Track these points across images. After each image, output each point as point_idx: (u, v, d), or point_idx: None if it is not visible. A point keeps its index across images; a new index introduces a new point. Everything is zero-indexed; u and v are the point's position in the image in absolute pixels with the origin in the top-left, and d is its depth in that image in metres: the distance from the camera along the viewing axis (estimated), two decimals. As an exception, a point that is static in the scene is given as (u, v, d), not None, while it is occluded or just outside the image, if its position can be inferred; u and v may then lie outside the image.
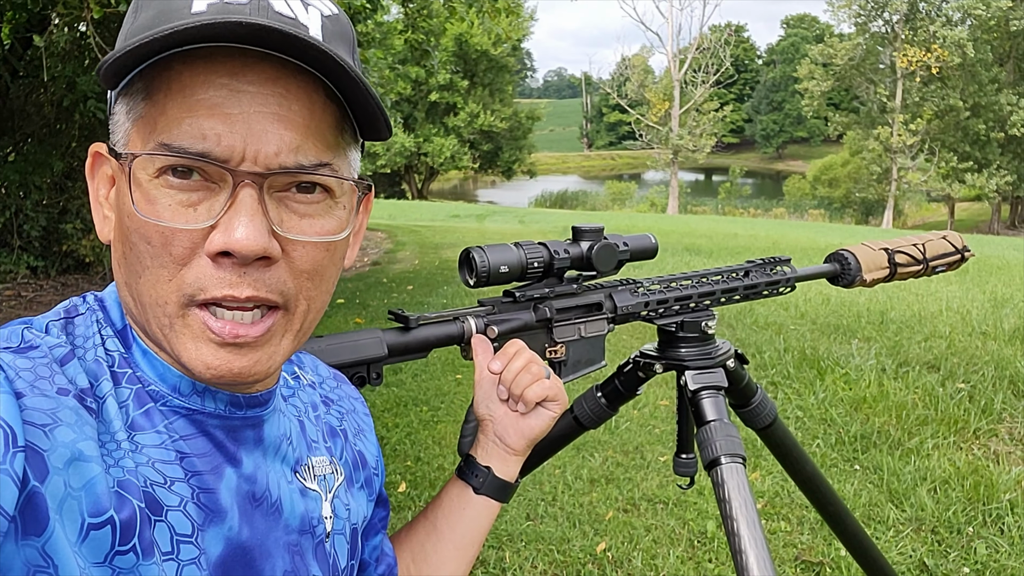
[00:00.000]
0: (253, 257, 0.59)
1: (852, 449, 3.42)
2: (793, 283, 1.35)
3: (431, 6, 9.94)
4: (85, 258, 7.45)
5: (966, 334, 5.23)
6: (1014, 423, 3.67)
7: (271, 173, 0.60)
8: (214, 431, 0.67)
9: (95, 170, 0.68)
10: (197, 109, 0.58)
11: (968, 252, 1.56)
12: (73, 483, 0.54)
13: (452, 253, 10.51)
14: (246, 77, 0.59)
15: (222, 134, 0.58)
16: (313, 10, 0.63)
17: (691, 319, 1.22)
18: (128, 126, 0.62)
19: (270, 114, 0.60)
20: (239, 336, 0.61)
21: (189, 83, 0.59)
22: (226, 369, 0.62)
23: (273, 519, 0.71)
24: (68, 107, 6.69)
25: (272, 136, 0.60)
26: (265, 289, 0.61)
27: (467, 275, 1.03)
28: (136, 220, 0.60)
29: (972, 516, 2.84)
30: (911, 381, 4.18)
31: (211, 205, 0.60)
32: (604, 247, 1.10)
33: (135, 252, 0.61)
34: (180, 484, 0.63)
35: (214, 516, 0.65)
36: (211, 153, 0.58)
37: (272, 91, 0.60)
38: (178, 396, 0.66)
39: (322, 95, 0.63)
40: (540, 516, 2.89)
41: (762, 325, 5.65)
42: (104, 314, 0.68)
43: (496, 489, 1.01)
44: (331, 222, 0.65)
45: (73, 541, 0.54)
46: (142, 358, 0.67)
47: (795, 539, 2.71)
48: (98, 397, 0.62)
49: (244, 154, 0.59)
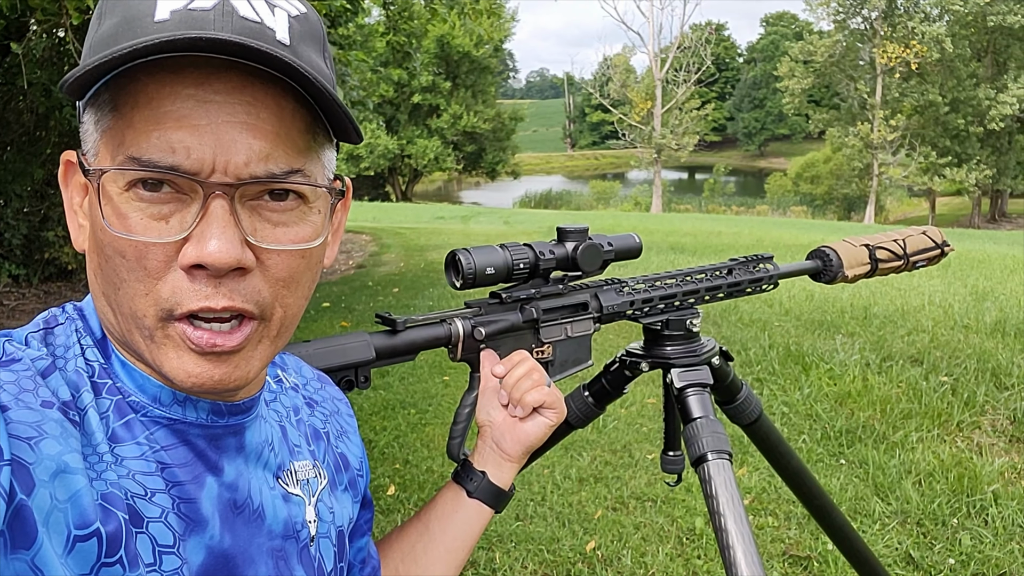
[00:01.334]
0: (226, 269, 0.59)
1: (837, 444, 3.45)
2: (776, 280, 1.37)
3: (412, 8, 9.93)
4: (67, 266, 7.40)
5: (948, 328, 5.28)
6: (996, 415, 3.71)
7: (241, 183, 0.59)
8: (196, 440, 0.67)
9: (68, 178, 0.68)
10: (165, 121, 0.58)
11: (948, 247, 1.58)
12: (59, 495, 0.54)
13: (437, 255, 10.50)
14: (212, 87, 0.58)
15: (191, 146, 0.58)
16: (280, 11, 0.62)
17: (676, 317, 1.23)
18: (97, 137, 0.61)
19: (238, 123, 0.59)
20: (217, 345, 0.61)
21: (155, 95, 0.58)
22: (207, 378, 0.62)
23: (256, 526, 0.71)
24: (45, 114, 6.65)
25: (241, 145, 0.59)
26: (241, 299, 0.61)
27: (453, 277, 1.03)
28: (108, 235, 0.60)
29: (956, 508, 2.87)
30: (895, 375, 4.22)
31: (183, 217, 0.59)
32: (589, 247, 1.11)
33: (111, 265, 0.61)
34: (161, 495, 0.63)
35: (195, 526, 0.65)
36: (180, 166, 0.58)
37: (239, 100, 0.59)
38: (159, 406, 0.66)
39: (291, 100, 0.62)
40: (530, 516, 2.89)
41: (747, 322, 5.68)
42: (83, 323, 0.68)
43: (490, 494, 1.02)
44: (306, 229, 0.65)
45: (60, 553, 0.54)
46: (121, 369, 0.66)
47: (783, 534, 2.73)
48: (79, 409, 0.62)
49: (214, 165, 0.58)
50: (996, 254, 10.17)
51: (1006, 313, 5.55)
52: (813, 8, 33.93)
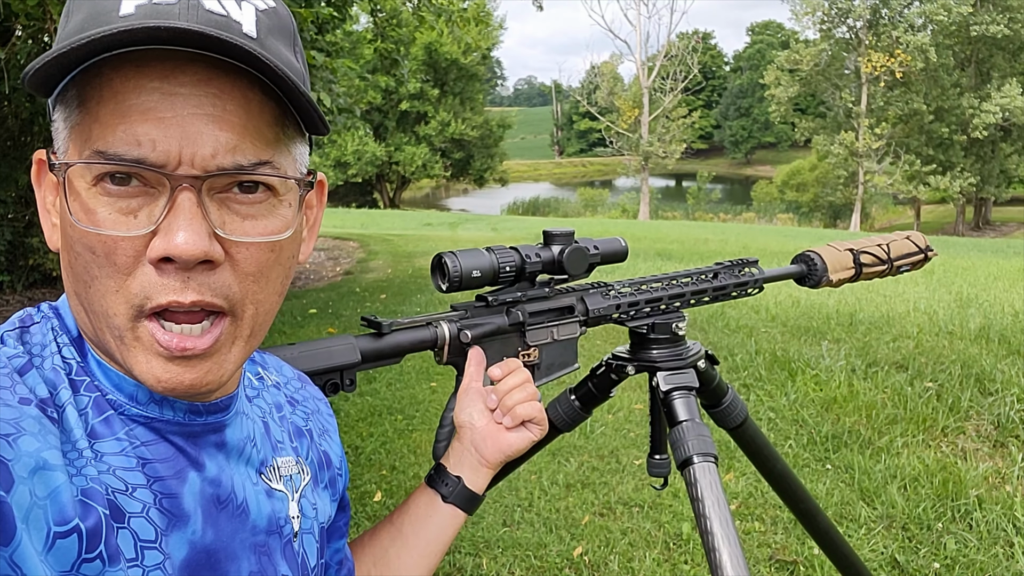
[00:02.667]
0: (194, 261, 0.59)
1: (824, 449, 3.46)
2: (761, 284, 1.38)
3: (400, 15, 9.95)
4: (52, 272, 7.34)
5: (933, 334, 5.31)
6: (980, 420, 3.73)
7: (208, 175, 0.59)
8: (173, 438, 0.67)
9: (41, 177, 0.67)
10: (130, 115, 0.57)
11: (931, 252, 1.59)
12: (38, 492, 0.54)
13: (425, 261, 10.49)
14: (178, 79, 0.58)
15: (157, 139, 0.57)
16: (247, 5, 0.62)
17: (662, 321, 1.23)
18: (66, 134, 0.61)
19: (204, 115, 0.59)
20: (187, 349, 0.61)
21: (120, 89, 0.58)
22: (177, 382, 0.62)
23: (239, 521, 0.71)
24: (29, 119, 6.60)
25: (207, 137, 0.59)
26: (210, 293, 0.61)
27: (439, 280, 1.03)
28: (77, 230, 0.59)
29: (941, 512, 2.88)
30: (880, 381, 4.24)
31: (151, 211, 0.59)
32: (575, 251, 1.11)
33: (81, 261, 0.60)
34: (142, 490, 0.63)
35: (177, 520, 0.65)
36: (147, 159, 0.57)
37: (205, 92, 0.59)
38: (136, 405, 0.66)
39: (258, 92, 0.62)
40: (517, 522, 2.89)
41: (733, 328, 5.70)
42: (59, 322, 0.68)
43: (464, 499, 1.01)
44: (275, 222, 0.64)
45: (40, 550, 0.54)
46: (97, 368, 0.66)
47: (769, 539, 2.74)
48: (57, 406, 0.62)
49: (180, 157, 0.58)
50: (980, 261, 10.26)
51: (990, 319, 5.59)
52: (799, 17, 34.19)
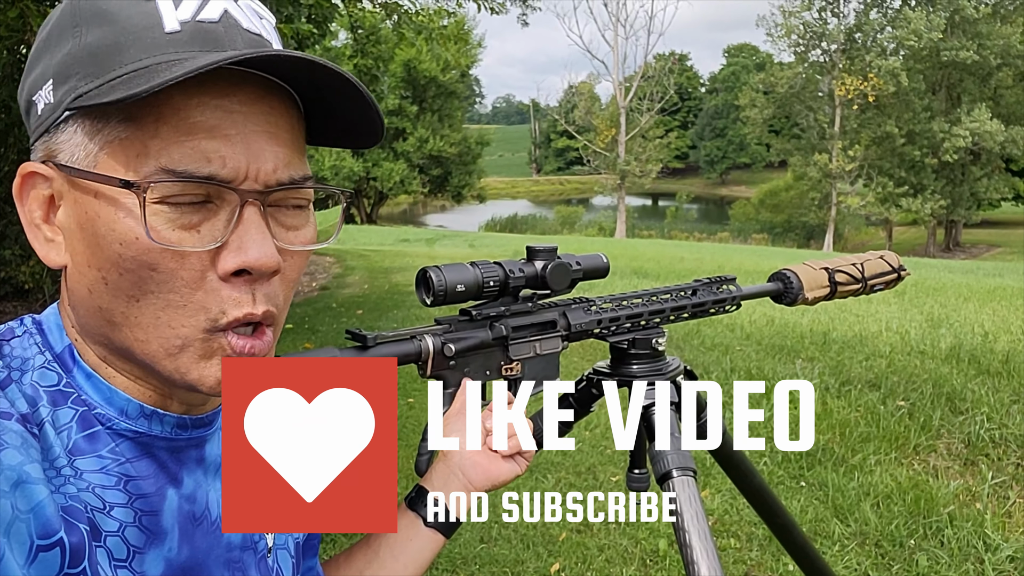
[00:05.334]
0: (269, 273, 0.61)
1: (798, 466, 3.49)
2: (738, 301, 1.40)
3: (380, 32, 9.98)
4: (24, 284, 7.24)
5: (905, 353, 5.38)
6: (951, 439, 3.78)
7: (270, 190, 0.62)
8: (159, 452, 0.68)
9: (25, 191, 0.65)
10: (196, 132, 0.58)
11: (904, 271, 1.63)
12: (20, 506, 0.54)
13: (402, 277, 10.48)
14: (236, 97, 0.60)
15: (226, 156, 0.59)
16: (265, 22, 0.65)
17: (642, 336, 1.25)
18: (94, 148, 0.60)
19: (263, 132, 0.61)
20: (256, 350, 0.63)
21: (182, 106, 0.58)
22: None
23: (214, 537, 0.71)
24: (4, 131, 6.53)
25: (268, 154, 0.61)
26: (271, 304, 0.64)
27: (424, 294, 1.04)
28: (136, 246, 0.59)
29: (914, 529, 2.92)
30: (853, 399, 4.29)
31: (212, 226, 0.60)
32: (558, 266, 1.13)
33: (130, 278, 0.60)
34: (120, 509, 0.63)
35: (155, 538, 0.65)
36: (217, 175, 0.59)
37: (260, 110, 0.61)
38: (125, 419, 0.66)
39: (295, 110, 0.65)
40: (494, 539, 2.89)
41: (709, 346, 5.74)
42: (42, 337, 0.67)
43: (446, 523, 0.99)
44: (310, 231, 0.68)
45: (22, 563, 0.54)
46: (85, 381, 0.66)
47: (744, 555, 2.76)
48: (36, 422, 0.61)
49: (247, 173, 0.60)
50: (951, 282, 10.41)
51: (960, 339, 5.67)
52: (774, 40, 34.70)
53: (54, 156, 0.63)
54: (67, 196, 0.62)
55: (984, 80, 31.09)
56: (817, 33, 33.04)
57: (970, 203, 31.75)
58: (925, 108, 30.99)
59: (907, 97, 30.76)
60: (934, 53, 30.25)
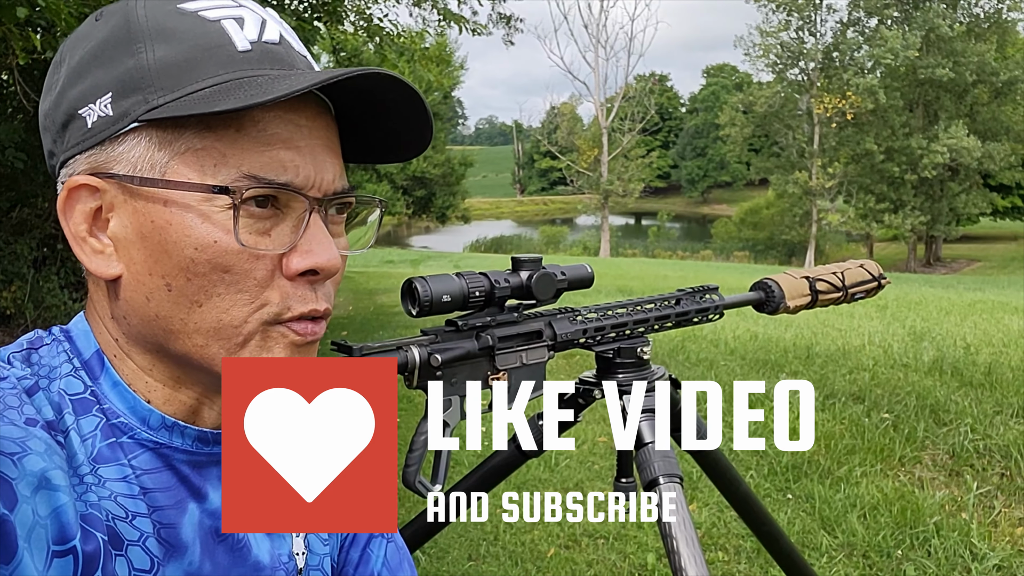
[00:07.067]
0: (335, 273, 0.67)
1: (784, 479, 3.51)
2: (721, 310, 1.41)
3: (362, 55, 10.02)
4: (6, 311, 7.17)
5: (888, 366, 5.42)
6: (936, 450, 3.81)
7: (329, 198, 0.66)
8: (180, 465, 0.68)
9: (71, 205, 0.65)
10: (274, 143, 0.62)
11: (884, 279, 1.65)
12: (40, 511, 0.55)
13: (387, 298, 10.46)
14: (304, 113, 0.65)
15: (300, 165, 0.63)
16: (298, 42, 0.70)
17: (627, 345, 1.26)
18: (163, 158, 0.62)
19: (324, 146, 0.66)
20: (317, 334, 0.68)
21: (261, 118, 0.62)
22: None
23: (239, 556, 0.71)
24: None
25: (329, 165, 0.66)
26: (328, 301, 0.68)
27: (409, 305, 1.05)
28: (213, 249, 0.62)
29: (900, 540, 2.93)
30: (838, 412, 4.31)
31: (280, 231, 0.64)
32: (543, 276, 1.14)
33: (200, 283, 0.63)
34: (142, 519, 0.64)
35: (175, 551, 0.66)
36: (292, 182, 0.63)
37: (320, 124, 0.66)
38: (146, 429, 0.67)
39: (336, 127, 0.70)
40: (482, 556, 2.88)
41: (694, 361, 5.76)
42: (71, 345, 0.68)
43: None
44: (346, 238, 0.72)
45: (40, 569, 0.54)
46: (111, 390, 0.67)
47: (732, 568, 2.76)
48: (62, 430, 0.62)
49: (314, 182, 0.65)
50: (932, 296, 10.51)
51: (943, 352, 5.72)
52: (752, 60, 35.06)
53: (107, 168, 0.63)
54: (123, 206, 0.63)
55: (960, 97, 31.50)
56: (795, 52, 33.42)
57: (949, 218, 32.06)
58: (903, 125, 31.34)
59: (885, 114, 31.11)
60: (911, 71, 30.65)
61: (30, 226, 6.37)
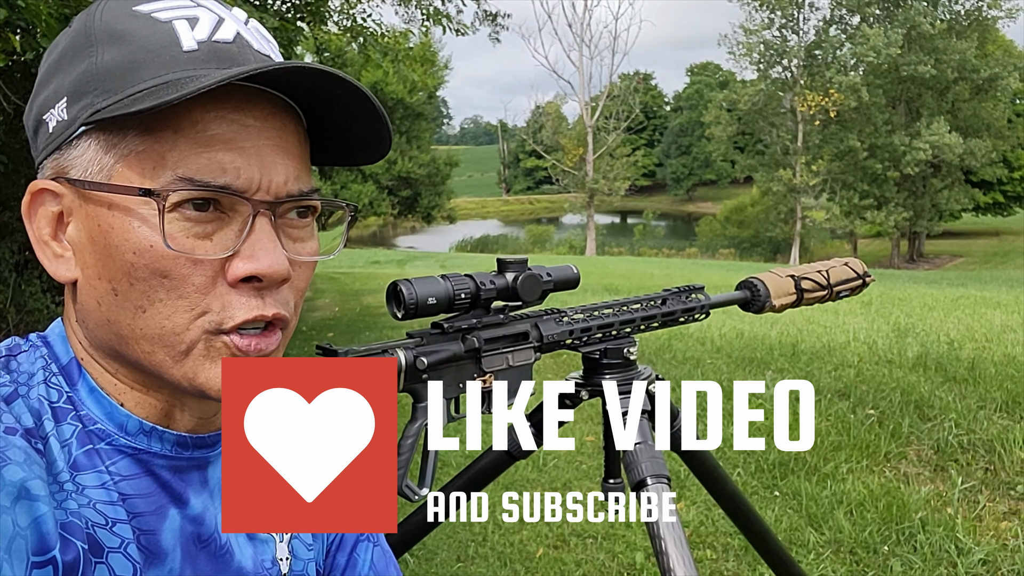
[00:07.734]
0: (279, 281, 0.63)
1: (771, 476, 3.52)
2: (707, 309, 1.41)
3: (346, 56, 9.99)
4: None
5: (873, 363, 5.46)
6: (921, 446, 3.83)
7: (280, 201, 0.64)
8: (160, 471, 0.68)
9: (34, 209, 0.66)
10: (213, 144, 0.61)
11: (869, 277, 1.65)
12: (20, 522, 0.54)
13: (373, 299, 10.44)
14: (250, 112, 0.62)
15: (240, 167, 0.61)
16: (272, 44, 0.68)
17: (614, 346, 1.26)
18: (109, 161, 0.62)
19: (274, 146, 0.63)
20: (262, 348, 0.64)
21: (200, 119, 0.60)
22: None
23: (222, 562, 0.71)
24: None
25: (280, 167, 0.63)
26: (282, 307, 0.65)
27: (395, 308, 1.04)
28: (150, 254, 0.60)
29: (887, 535, 2.95)
30: (823, 409, 4.33)
31: (224, 235, 0.62)
32: (529, 277, 1.13)
33: (140, 287, 0.61)
34: (122, 525, 0.63)
35: (155, 558, 0.65)
36: (232, 185, 0.61)
37: (272, 125, 0.64)
38: (124, 435, 0.66)
39: (301, 128, 0.68)
40: (471, 557, 2.87)
41: (680, 360, 5.78)
42: (49, 350, 0.68)
43: None
44: (315, 243, 0.70)
45: None
46: (88, 396, 0.66)
47: (720, 566, 2.76)
48: (42, 437, 0.62)
49: (259, 184, 0.62)
50: (915, 292, 10.58)
51: (927, 348, 5.76)
52: (736, 58, 35.19)
53: (65, 172, 0.64)
54: (78, 211, 0.64)
55: (942, 94, 31.74)
56: (778, 51, 33.58)
57: (932, 215, 32.32)
58: (886, 122, 31.54)
59: (868, 112, 31.31)
60: (893, 68, 30.84)
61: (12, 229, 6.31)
